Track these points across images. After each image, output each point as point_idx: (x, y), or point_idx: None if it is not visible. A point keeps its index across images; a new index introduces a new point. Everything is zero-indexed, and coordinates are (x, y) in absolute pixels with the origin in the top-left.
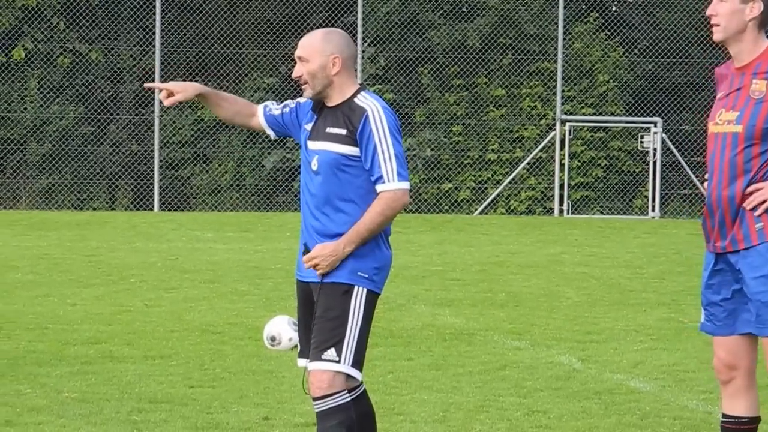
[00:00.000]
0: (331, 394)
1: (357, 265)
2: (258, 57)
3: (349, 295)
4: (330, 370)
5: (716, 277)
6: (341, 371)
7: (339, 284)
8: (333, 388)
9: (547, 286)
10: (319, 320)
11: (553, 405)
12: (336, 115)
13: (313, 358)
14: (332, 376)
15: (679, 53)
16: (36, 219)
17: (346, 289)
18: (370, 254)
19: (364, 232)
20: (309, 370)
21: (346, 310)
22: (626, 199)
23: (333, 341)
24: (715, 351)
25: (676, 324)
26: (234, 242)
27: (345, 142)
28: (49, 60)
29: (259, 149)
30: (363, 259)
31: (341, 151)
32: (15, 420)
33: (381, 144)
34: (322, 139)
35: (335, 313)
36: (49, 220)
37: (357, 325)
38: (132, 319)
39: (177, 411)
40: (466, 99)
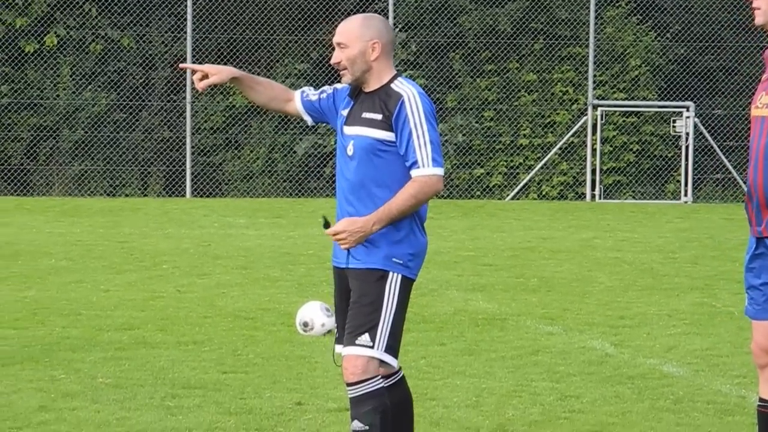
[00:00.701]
0: (365, 380)
1: (392, 251)
2: (289, 43)
3: (384, 280)
4: (364, 355)
5: (757, 261)
6: (375, 357)
7: (374, 270)
8: (367, 374)
9: (580, 271)
10: (354, 306)
11: (586, 390)
12: (372, 101)
13: (347, 344)
14: (366, 362)
15: (712, 37)
16: (69, 205)
17: (381, 275)
18: (406, 240)
19: (394, 212)
20: (343, 355)
21: (381, 296)
22: (658, 184)
23: (367, 327)
24: (754, 335)
25: (709, 308)
26: (266, 228)
27: (381, 127)
28: (81, 47)
29: (291, 135)
30: (398, 245)
31: (377, 136)
32: (49, 405)
33: (416, 129)
34: (358, 124)
35: (370, 299)
36: (81, 207)
37: (391, 311)
38: (165, 305)
39: (210, 396)
40: (498, 84)
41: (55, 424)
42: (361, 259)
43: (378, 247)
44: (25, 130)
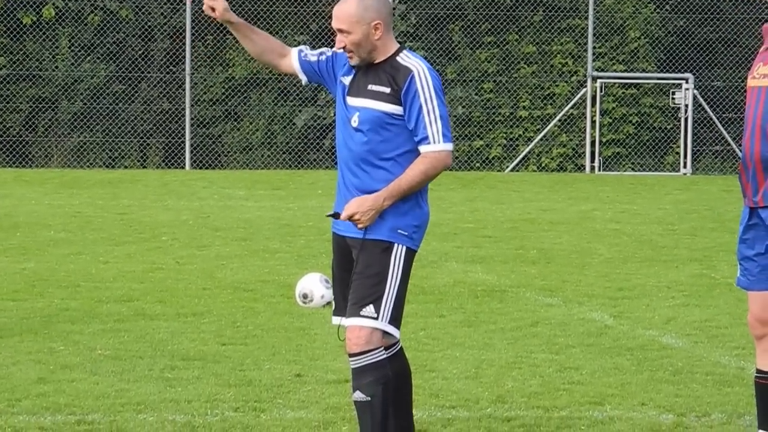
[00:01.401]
0: (368, 351)
1: (397, 223)
2: (288, 14)
3: (389, 252)
4: (368, 326)
5: (750, 232)
6: (379, 328)
7: (379, 241)
8: (370, 345)
9: (579, 243)
10: (359, 277)
11: (585, 361)
12: (378, 73)
13: (351, 314)
14: (370, 333)
15: (711, 9)
16: (68, 177)
17: (386, 247)
18: (410, 212)
19: (405, 187)
20: (347, 326)
21: (386, 268)
22: (658, 156)
23: (372, 298)
24: (750, 306)
25: (708, 280)
26: (265, 200)
27: (389, 100)
28: (79, 18)
29: (290, 107)
30: (403, 216)
31: (385, 109)
32: (48, 377)
33: (427, 104)
34: (363, 96)
35: (375, 270)
36: (80, 179)
37: (396, 283)
38: (164, 277)
39: (209, 368)
40: (497, 56)
41: (54, 395)
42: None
43: (383, 219)
44: (24, 101)
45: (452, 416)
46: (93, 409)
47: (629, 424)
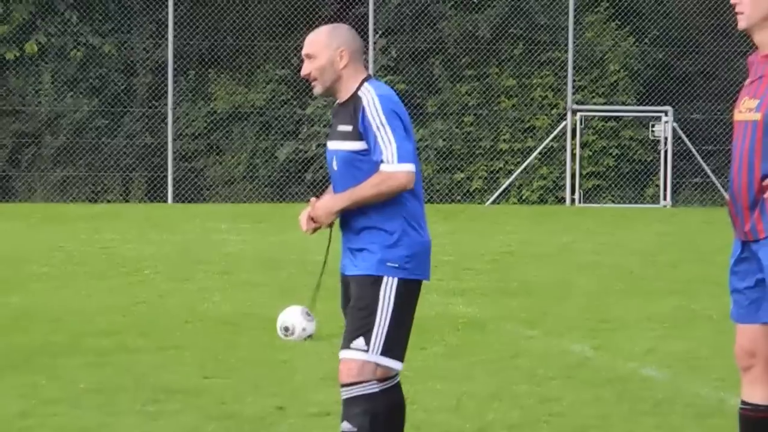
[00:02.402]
0: (359, 382)
1: (386, 256)
2: (270, 49)
3: (378, 285)
4: (358, 359)
5: (742, 265)
6: (369, 360)
7: (368, 276)
8: (361, 377)
9: (559, 275)
10: (351, 310)
11: (566, 393)
12: (344, 112)
13: (343, 346)
14: (361, 365)
15: (690, 42)
16: (51, 211)
17: (375, 280)
18: (399, 243)
19: (356, 197)
20: (340, 357)
21: (375, 301)
22: (638, 188)
23: (362, 331)
24: (737, 338)
25: (688, 312)
26: (247, 233)
27: (353, 137)
28: (62, 53)
29: (272, 141)
30: (391, 249)
31: (351, 147)
32: (31, 411)
33: (379, 131)
34: (336, 138)
35: (364, 303)
36: (63, 213)
37: (386, 315)
38: (146, 311)
39: (191, 401)
40: (478, 89)
41: (37, 429)
42: (357, 265)
43: (373, 253)
44: (7, 136)
45: None
46: None
47: None
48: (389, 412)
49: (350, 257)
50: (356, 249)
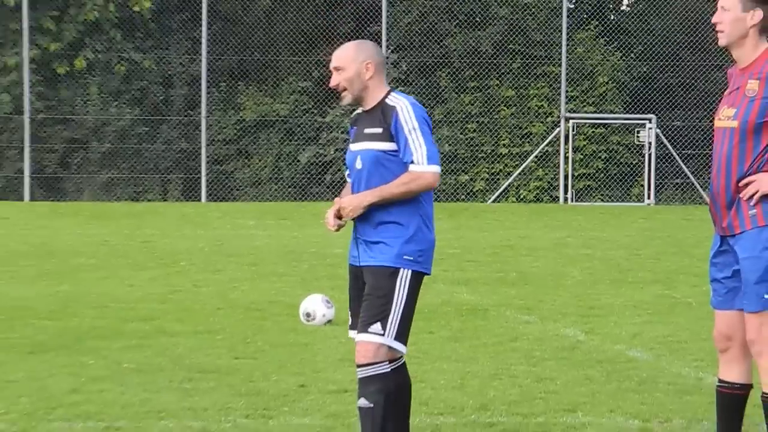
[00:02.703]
0: (374, 363)
1: (403, 250)
2: (293, 63)
3: (396, 276)
4: (375, 342)
5: (720, 257)
6: (385, 343)
7: (387, 267)
8: (376, 358)
9: (554, 267)
10: (368, 297)
11: (560, 373)
12: (372, 117)
13: (361, 330)
14: (377, 347)
15: (671, 56)
16: (97, 209)
17: (393, 271)
18: (415, 238)
19: (386, 194)
20: (356, 340)
21: (392, 290)
22: (624, 188)
23: (379, 317)
24: (716, 323)
25: (669, 300)
26: (273, 229)
27: (382, 138)
28: (107, 68)
29: (295, 146)
30: (408, 243)
31: (380, 147)
32: (80, 388)
33: (411, 135)
34: (362, 140)
35: (382, 292)
36: (108, 211)
37: (401, 304)
38: (183, 299)
39: (223, 380)
40: (480, 99)
41: (85, 405)
42: (375, 257)
43: (391, 246)
44: (58, 142)
45: (440, 422)
46: (120, 416)
47: (599, 429)
48: (399, 390)
49: (365, 249)
50: (372, 242)
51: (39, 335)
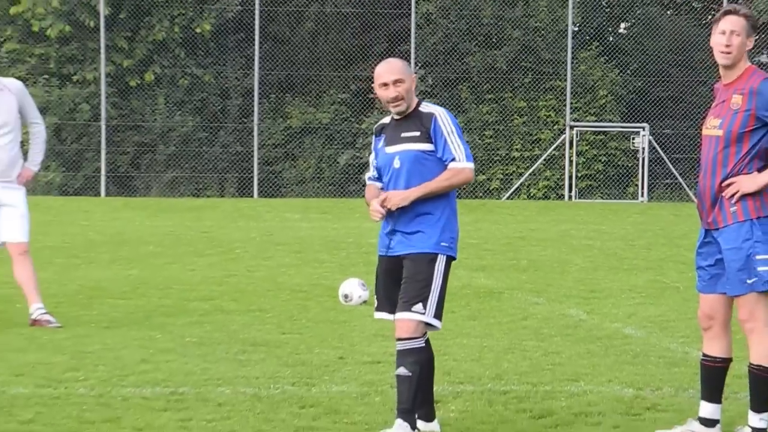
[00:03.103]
0: (414, 338)
1: (440, 237)
2: (333, 78)
3: (434, 262)
4: (416, 319)
5: (705, 247)
6: (425, 321)
7: (427, 253)
8: (416, 333)
9: (559, 255)
10: (409, 281)
11: (565, 347)
12: (408, 123)
13: (403, 309)
14: (417, 324)
15: (662, 73)
16: (163, 204)
17: (432, 258)
18: (448, 227)
19: (432, 188)
20: (398, 318)
21: (431, 274)
22: (621, 187)
23: (420, 298)
24: (700, 305)
25: (660, 284)
26: (316, 222)
27: (421, 140)
28: (172, 81)
29: (335, 149)
30: (443, 232)
31: (419, 148)
32: (149, 358)
33: (450, 137)
34: (399, 143)
35: (423, 276)
36: (173, 205)
37: (439, 286)
38: (237, 281)
39: (272, 352)
40: (496, 110)
41: (153, 373)
42: (414, 245)
43: (429, 235)
44: (130, 145)
45: (461, 390)
46: (183, 383)
47: (599, 396)
48: (428, 362)
49: (402, 239)
50: (410, 232)
51: (113, 312)
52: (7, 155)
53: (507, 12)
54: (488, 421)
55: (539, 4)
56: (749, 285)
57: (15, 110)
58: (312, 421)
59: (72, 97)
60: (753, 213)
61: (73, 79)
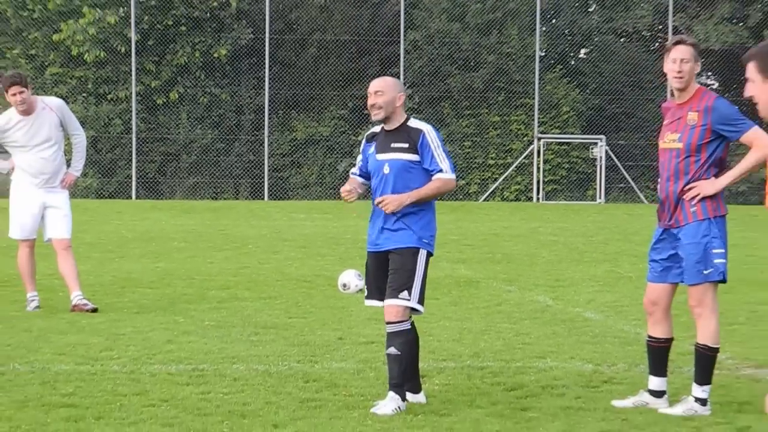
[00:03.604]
0: (401, 321)
1: (422, 234)
2: (333, 96)
3: (417, 255)
4: (403, 305)
5: (661, 243)
6: (410, 306)
7: (411, 248)
8: (403, 317)
9: (529, 249)
10: (396, 272)
11: (533, 329)
12: (397, 135)
13: (391, 296)
14: (403, 309)
15: (616, 92)
16: (186, 206)
17: (415, 251)
18: (428, 225)
19: (422, 195)
20: (386, 304)
21: (415, 265)
22: (581, 191)
23: (406, 286)
24: (647, 293)
25: (615, 274)
26: (318, 221)
27: (408, 151)
28: (194, 99)
29: (334, 158)
30: (425, 229)
31: (407, 158)
32: (173, 339)
33: (436, 151)
34: (389, 152)
35: (407, 267)
36: (194, 207)
37: (421, 276)
38: (250, 272)
39: (280, 333)
40: (473, 124)
41: (177, 352)
42: (399, 240)
43: (413, 232)
44: (157, 155)
45: (443, 366)
46: (203, 361)
47: (563, 371)
48: (414, 342)
49: (388, 236)
50: (395, 229)
51: (143, 300)
52: (52, 165)
53: (483, 40)
54: (467, 393)
55: (511, 33)
56: (705, 275)
57: (57, 126)
58: (315, 394)
59: (107, 114)
60: (711, 213)
61: (107, 97)
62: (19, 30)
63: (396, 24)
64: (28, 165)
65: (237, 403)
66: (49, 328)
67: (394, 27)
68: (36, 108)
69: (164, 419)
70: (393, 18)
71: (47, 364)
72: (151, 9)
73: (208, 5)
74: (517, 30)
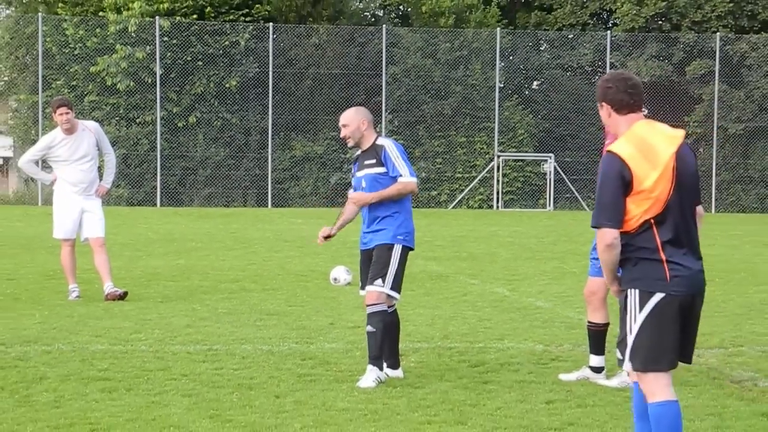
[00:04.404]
0: (377, 304)
1: (396, 231)
2: (326, 121)
3: (391, 250)
4: (377, 290)
5: None
6: (384, 292)
7: (387, 244)
8: (378, 301)
9: (489, 249)
10: (374, 264)
11: (494, 315)
12: (368, 154)
13: (369, 284)
14: (378, 294)
15: (563, 118)
16: (202, 212)
17: (390, 247)
18: (404, 225)
19: (384, 195)
20: (366, 290)
21: (389, 258)
22: (534, 200)
23: (380, 275)
24: (587, 284)
25: (562, 270)
26: (313, 225)
27: (376, 165)
28: (209, 123)
29: (327, 171)
30: (399, 228)
31: (377, 172)
32: (191, 324)
33: (396, 160)
34: (364, 169)
35: (383, 260)
36: (209, 213)
37: (395, 266)
38: (256, 268)
39: (281, 319)
40: (443, 144)
41: (195, 335)
42: (379, 239)
43: (389, 231)
44: (178, 169)
45: (418, 347)
46: (217, 342)
47: (518, 350)
48: (392, 325)
49: (372, 236)
50: (375, 230)
51: (166, 291)
52: (89, 176)
53: (452, 73)
54: (438, 369)
55: (475, 68)
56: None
57: (94, 145)
58: (310, 370)
59: (135, 134)
60: None
61: (136, 121)
62: (63, 64)
63: (379, 60)
64: (68, 176)
65: (245, 377)
66: (87, 314)
67: (377, 62)
68: (77, 129)
69: (184, 391)
70: (376, 55)
71: (86, 344)
72: (173, 47)
73: (221, 44)
74: (481, 65)
